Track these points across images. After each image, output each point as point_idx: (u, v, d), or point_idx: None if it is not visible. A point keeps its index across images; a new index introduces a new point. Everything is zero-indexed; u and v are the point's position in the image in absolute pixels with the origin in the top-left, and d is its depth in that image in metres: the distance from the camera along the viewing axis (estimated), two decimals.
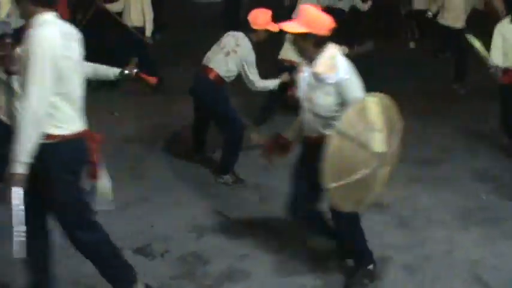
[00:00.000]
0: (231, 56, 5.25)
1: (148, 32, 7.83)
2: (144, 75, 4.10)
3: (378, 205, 4.98)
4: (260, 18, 5.28)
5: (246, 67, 5.27)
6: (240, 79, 5.45)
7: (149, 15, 7.88)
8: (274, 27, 5.21)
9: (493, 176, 5.59)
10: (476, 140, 6.50)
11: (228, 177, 5.38)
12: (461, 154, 6.15)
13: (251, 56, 5.28)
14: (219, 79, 5.29)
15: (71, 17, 8.17)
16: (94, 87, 6.42)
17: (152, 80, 4.17)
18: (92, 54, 3.58)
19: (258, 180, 5.44)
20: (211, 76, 5.27)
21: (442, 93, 8.37)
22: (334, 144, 3.19)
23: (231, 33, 5.42)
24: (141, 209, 4.86)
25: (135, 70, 4.00)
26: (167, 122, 6.81)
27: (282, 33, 4.37)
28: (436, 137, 6.67)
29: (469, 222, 4.75)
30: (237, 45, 5.27)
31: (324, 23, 3.43)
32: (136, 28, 7.84)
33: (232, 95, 5.55)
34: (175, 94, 7.48)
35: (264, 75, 5.50)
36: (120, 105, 7.38)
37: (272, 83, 5.50)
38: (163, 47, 9.40)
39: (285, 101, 6.97)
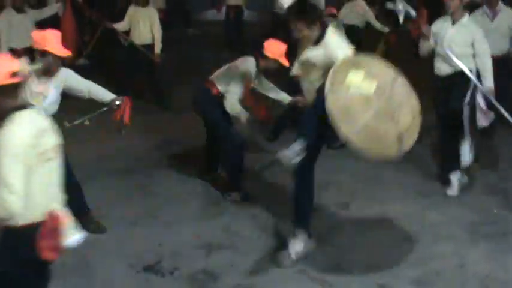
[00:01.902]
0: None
1: (157, 50, 7.87)
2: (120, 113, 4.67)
3: (387, 220, 4.99)
4: (275, 48, 5.28)
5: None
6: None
7: (158, 33, 7.92)
8: (284, 62, 5.23)
9: (502, 189, 5.57)
10: (485, 153, 6.48)
11: (236, 194, 5.38)
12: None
13: (244, 71, 5.21)
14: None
15: (79, 37, 8.27)
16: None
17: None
18: (101, 72, 3.64)
19: (266, 196, 5.45)
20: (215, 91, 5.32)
21: None
22: None
23: (243, 57, 5.41)
24: (150, 226, 4.88)
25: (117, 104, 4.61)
26: (175, 139, 6.84)
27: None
28: None
29: (478, 236, 4.74)
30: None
31: None
32: (145, 46, 7.90)
33: None
34: (183, 112, 7.52)
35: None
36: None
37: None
38: (171, 65, 9.45)
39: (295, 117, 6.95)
